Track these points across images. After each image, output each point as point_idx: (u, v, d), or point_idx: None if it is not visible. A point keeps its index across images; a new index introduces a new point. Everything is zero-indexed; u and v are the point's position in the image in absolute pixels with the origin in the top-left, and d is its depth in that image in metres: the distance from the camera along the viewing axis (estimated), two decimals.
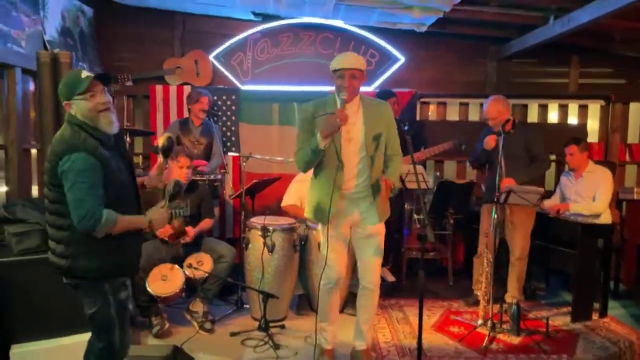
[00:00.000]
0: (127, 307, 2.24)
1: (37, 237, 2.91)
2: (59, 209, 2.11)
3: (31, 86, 3.95)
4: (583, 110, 5.46)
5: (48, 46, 3.96)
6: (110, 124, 2.16)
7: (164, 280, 3.38)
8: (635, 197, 4.74)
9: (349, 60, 2.76)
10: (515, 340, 3.44)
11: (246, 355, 3.19)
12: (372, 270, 2.94)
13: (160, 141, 2.48)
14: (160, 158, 2.49)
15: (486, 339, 3.37)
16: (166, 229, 3.48)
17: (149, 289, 3.33)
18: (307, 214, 3.02)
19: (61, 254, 2.15)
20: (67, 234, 2.12)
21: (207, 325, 3.51)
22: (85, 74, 2.13)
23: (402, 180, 3.76)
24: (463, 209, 4.75)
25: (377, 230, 2.92)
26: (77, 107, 2.13)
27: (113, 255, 2.15)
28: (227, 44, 5.22)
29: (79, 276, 2.16)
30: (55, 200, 2.11)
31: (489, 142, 3.78)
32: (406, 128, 2.74)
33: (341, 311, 3.81)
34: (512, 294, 3.81)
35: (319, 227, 3.00)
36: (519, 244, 3.80)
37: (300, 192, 4.06)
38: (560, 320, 3.85)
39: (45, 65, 3.18)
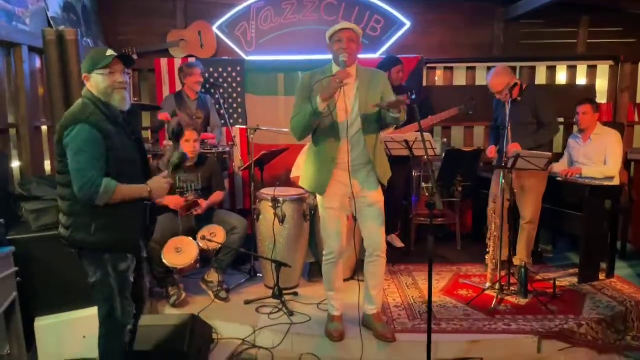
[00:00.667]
0: (128, 278, 2.28)
1: (54, 214, 2.97)
2: (63, 180, 2.18)
3: (38, 63, 3.96)
4: (592, 71, 5.40)
5: (52, 23, 3.93)
6: (123, 100, 2.25)
7: (179, 252, 3.46)
8: None
9: (344, 23, 2.81)
10: (523, 301, 3.51)
11: (261, 321, 3.28)
12: (377, 237, 2.98)
13: (175, 157, 2.52)
14: (168, 170, 2.50)
15: (494, 301, 3.45)
16: (180, 200, 3.56)
17: (164, 260, 3.41)
18: (303, 184, 3.05)
19: (64, 225, 2.23)
20: (68, 205, 2.20)
21: (223, 294, 3.61)
22: (110, 52, 2.21)
23: (410, 148, 3.77)
24: (471, 176, 4.76)
25: (377, 197, 2.95)
26: (94, 82, 2.20)
27: (112, 230, 2.20)
28: (230, 13, 5.15)
29: (79, 247, 2.23)
30: (61, 171, 2.19)
31: (491, 153, 3.96)
32: (414, 97, 2.74)
33: (352, 278, 3.90)
34: (520, 257, 3.86)
35: (317, 198, 3.04)
36: (530, 208, 3.82)
37: None
38: (568, 281, 3.91)
39: (52, 43, 3.18)
